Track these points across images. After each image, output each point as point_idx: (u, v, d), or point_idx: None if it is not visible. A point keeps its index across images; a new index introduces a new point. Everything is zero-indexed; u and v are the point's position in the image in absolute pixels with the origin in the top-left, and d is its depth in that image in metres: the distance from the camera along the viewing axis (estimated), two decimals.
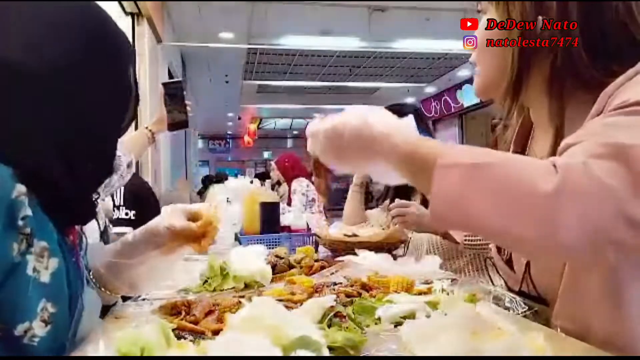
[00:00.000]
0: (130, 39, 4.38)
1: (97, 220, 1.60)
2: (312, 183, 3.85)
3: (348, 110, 0.69)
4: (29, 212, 0.58)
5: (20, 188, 0.57)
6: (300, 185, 3.75)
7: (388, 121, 0.66)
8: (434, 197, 0.58)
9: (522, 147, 0.90)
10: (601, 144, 0.54)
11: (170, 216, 0.92)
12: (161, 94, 1.60)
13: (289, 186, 3.88)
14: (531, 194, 0.51)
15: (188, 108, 1.64)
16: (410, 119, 0.67)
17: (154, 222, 0.92)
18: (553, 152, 0.73)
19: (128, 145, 1.52)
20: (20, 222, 0.57)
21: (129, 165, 1.48)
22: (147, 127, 1.61)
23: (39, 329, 0.59)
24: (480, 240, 1.46)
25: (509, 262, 0.90)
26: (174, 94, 1.61)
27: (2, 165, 0.56)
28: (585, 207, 0.50)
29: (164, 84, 1.62)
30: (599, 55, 0.71)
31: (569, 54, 0.72)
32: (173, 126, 1.63)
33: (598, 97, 0.66)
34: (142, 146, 1.62)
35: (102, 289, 0.87)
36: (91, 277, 0.83)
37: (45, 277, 0.60)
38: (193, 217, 0.94)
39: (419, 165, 0.61)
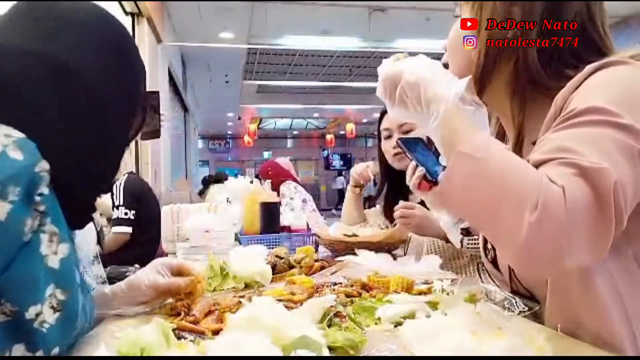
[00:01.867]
0: None
1: (93, 222, 1.59)
2: (299, 185, 3.86)
3: (417, 60, 0.77)
4: (45, 190, 0.57)
5: (44, 164, 0.57)
6: (288, 189, 3.75)
7: (442, 81, 0.73)
8: (446, 178, 0.65)
9: None
10: (569, 163, 0.58)
11: (153, 272, 0.89)
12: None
13: (277, 191, 3.88)
14: (517, 217, 0.57)
15: (162, 118, 1.66)
16: (465, 81, 0.73)
17: (136, 279, 0.87)
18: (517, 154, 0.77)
19: None
20: (36, 198, 0.56)
21: None
22: None
23: (49, 316, 0.57)
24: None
25: (494, 262, 0.92)
26: (151, 105, 1.63)
27: (29, 139, 0.57)
28: (559, 236, 0.55)
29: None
30: (552, 60, 0.75)
31: (526, 58, 0.75)
32: (147, 135, 1.65)
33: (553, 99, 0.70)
34: None
35: None
36: None
37: (54, 262, 0.58)
38: (178, 272, 0.92)
39: (448, 138, 0.69)
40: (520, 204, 0.56)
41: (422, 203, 1.59)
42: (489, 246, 0.92)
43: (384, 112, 1.75)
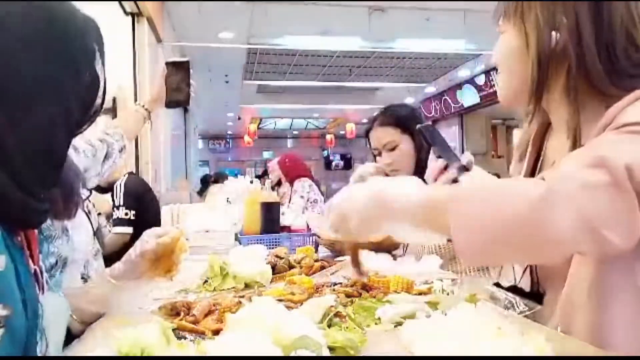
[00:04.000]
0: (130, 39, 4.38)
1: (90, 221, 1.58)
2: (315, 183, 3.83)
3: (355, 187, 0.77)
4: None
5: None
6: (302, 186, 3.72)
7: (396, 184, 0.73)
8: (454, 229, 0.63)
9: (539, 146, 0.95)
10: (585, 155, 0.62)
11: (139, 243, 0.95)
12: (162, 72, 1.55)
13: (291, 186, 3.86)
14: (526, 199, 0.60)
15: (192, 87, 1.59)
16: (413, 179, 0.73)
17: (128, 253, 0.95)
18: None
19: (122, 126, 1.47)
20: None
21: (121, 150, 1.44)
22: (142, 105, 1.54)
23: None
24: None
25: None
26: (178, 70, 1.57)
27: None
28: (571, 203, 0.58)
29: (168, 63, 1.57)
30: (611, 64, 0.75)
31: (583, 64, 0.76)
32: (174, 103, 1.58)
33: (608, 106, 0.72)
34: (137, 126, 1.55)
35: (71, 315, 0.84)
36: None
37: None
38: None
39: (433, 208, 0.67)
40: (525, 190, 0.60)
41: None
42: None
43: (368, 131, 1.78)
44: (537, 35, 0.78)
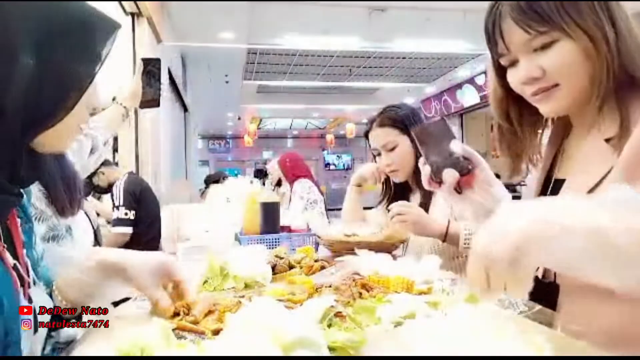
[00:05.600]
0: (131, 39, 4.38)
1: (90, 221, 1.59)
2: (315, 184, 3.82)
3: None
4: None
5: None
6: (302, 187, 3.71)
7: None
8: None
9: (557, 146, 0.95)
10: None
11: (153, 279, 0.84)
12: (140, 70, 1.57)
13: (291, 186, 3.86)
14: None
15: (162, 87, 1.62)
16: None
17: (138, 278, 0.83)
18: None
19: (103, 122, 1.49)
20: None
21: (105, 144, 1.47)
22: (120, 103, 1.58)
23: None
24: None
25: None
26: (152, 71, 1.59)
27: None
28: None
29: (144, 60, 1.59)
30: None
31: (625, 61, 0.77)
32: (145, 103, 1.61)
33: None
34: (116, 123, 1.58)
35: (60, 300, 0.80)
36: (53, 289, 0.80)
37: None
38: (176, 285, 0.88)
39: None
40: None
41: (421, 205, 1.59)
42: None
43: (367, 133, 1.78)
44: (605, 38, 0.77)
